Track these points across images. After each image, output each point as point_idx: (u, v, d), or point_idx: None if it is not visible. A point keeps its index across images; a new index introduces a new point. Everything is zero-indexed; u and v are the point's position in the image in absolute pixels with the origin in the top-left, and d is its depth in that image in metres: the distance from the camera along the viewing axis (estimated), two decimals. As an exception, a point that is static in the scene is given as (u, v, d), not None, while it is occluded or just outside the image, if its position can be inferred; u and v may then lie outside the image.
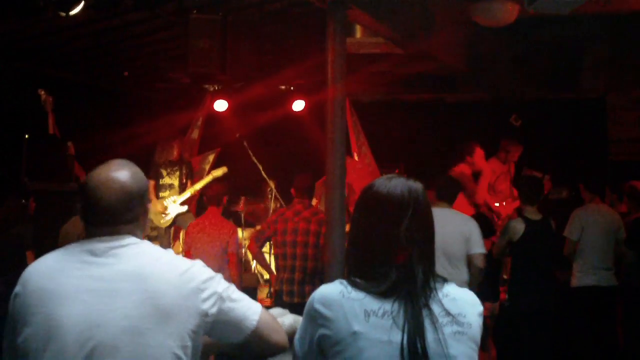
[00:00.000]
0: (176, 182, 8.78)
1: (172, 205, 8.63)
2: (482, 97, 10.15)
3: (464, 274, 5.56)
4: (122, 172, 2.14)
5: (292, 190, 6.55)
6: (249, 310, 2.18)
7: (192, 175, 8.94)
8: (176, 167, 8.83)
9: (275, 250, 6.48)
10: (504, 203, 8.59)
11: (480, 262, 5.57)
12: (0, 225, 7.37)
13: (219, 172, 8.68)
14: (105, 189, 2.10)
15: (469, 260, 5.58)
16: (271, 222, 6.45)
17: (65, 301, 2.02)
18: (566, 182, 8.73)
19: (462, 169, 8.44)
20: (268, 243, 6.99)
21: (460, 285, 2.10)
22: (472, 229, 5.63)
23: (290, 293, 6.22)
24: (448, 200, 5.78)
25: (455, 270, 5.49)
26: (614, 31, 8.62)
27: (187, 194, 8.64)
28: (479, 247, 5.59)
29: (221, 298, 2.12)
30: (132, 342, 1.99)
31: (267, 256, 7.59)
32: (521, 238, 5.97)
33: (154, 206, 8.45)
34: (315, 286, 6.17)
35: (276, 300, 6.34)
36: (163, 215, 8.61)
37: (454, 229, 5.54)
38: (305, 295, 6.16)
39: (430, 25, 7.17)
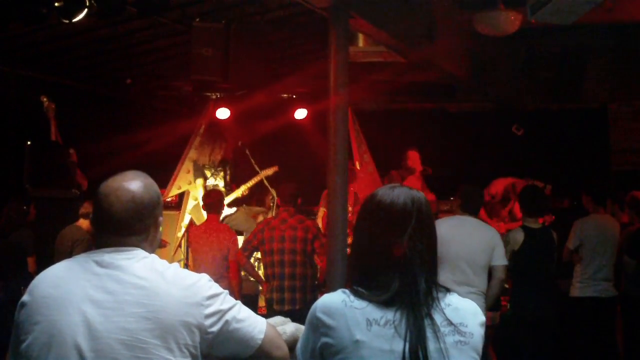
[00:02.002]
0: (222, 183, 8.81)
1: None
2: (484, 106, 10.16)
3: (485, 284, 5.58)
4: (134, 183, 2.15)
5: (277, 199, 6.57)
6: (255, 329, 2.17)
7: (234, 177, 8.99)
8: (220, 168, 8.92)
9: (264, 259, 6.45)
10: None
11: (502, 274, 5.62)
12: (1, 231, 7.37)
13: (269, 171, 8.69)
14: (115, 197, 2.11)
15: (490, 271, 5.61)
16: (257, 232, 6.45)
17: (67, 310, 2.03)
18: (568, 192, 8.72)
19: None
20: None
21: (480, 294, 2.11)
22: (497, 240, 5.67)
23: (280, 301, 6.19)
24: (472, 211, 5.79)
25: (477, 278, 5.51)
26: (617, 41, 8.64)
27: (234, 195, 8.51)
28: (502, 259, 5.62)
29: (226, 319, 2.11)
30: (132, 356, 1.99)
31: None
32: (521, 247, 5.95)
33: (199, 210, 8.25)
34: (306, 293, 6.16)
35: (267, 309, 6.31)
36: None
37: (481, 239, 5.57)
38: (296, 303, 6.14)
39: (432, 33, 7.17)
